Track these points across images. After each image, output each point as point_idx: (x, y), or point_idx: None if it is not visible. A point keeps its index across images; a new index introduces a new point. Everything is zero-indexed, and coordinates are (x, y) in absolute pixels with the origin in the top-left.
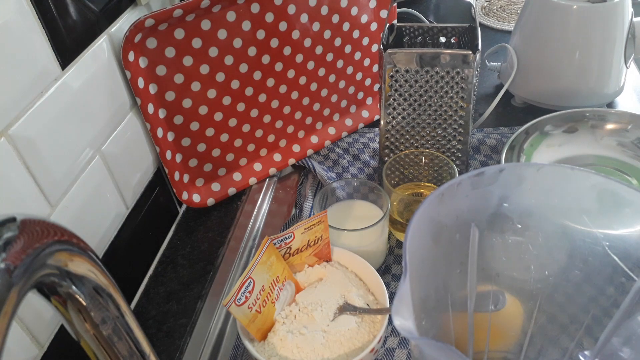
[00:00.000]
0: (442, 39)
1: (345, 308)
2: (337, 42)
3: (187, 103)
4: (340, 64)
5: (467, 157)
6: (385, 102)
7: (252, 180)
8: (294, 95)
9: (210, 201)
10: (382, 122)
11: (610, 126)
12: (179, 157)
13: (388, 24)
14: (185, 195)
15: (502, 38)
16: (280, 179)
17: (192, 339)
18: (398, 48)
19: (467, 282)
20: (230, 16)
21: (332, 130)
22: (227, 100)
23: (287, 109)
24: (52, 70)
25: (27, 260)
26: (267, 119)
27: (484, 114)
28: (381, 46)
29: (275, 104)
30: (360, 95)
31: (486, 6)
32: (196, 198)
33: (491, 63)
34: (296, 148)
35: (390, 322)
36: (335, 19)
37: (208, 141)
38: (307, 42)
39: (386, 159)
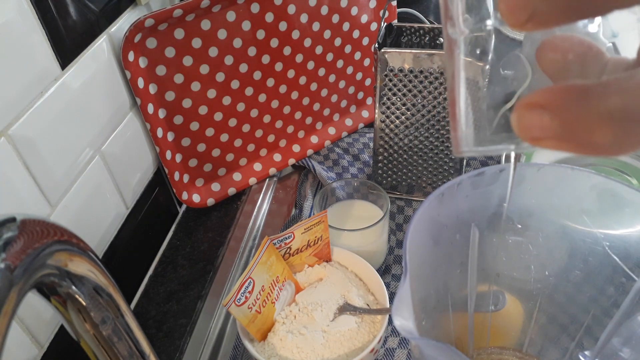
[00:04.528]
0: (441, 40)
1: (345, 308)
2: (337, 42)
3: (187, 103)
4: (340, 64)
5: (461, 159)
6: (379, 101)
7: (252, 180)
8: (294, 95)
9: (210, 201)
10: (376, 122)
11: None
12: (179, 157)
13: (385, 24)
14: (185, 195)
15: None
16: (280, 179)
17: (192, 339)
18: (393, 48)
19: (467, 282)
20: (230, 16)
21: (332, 130)
22: (227, 100)
23: (287, 109)
24: (52, 70)
25: (27, 260)
26: (267, 119)
27: None
28: (376, 45)
29: (275, 104)
30: (360, 95)
31: None
32: (196, 198)
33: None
34: (296, 148)
35: (390, 322)
36: (335, 19)
37: (208, 141)
38: (307, 42)
39: (380, 157)
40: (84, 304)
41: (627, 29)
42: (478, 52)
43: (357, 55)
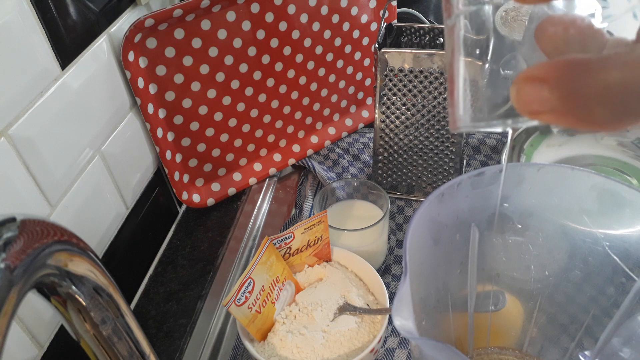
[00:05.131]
0: (441, 40)
1: (345, 308)
2: (337, 42)
3: (187, 103)
4: (340, 64)
5: (461, 159)
6: (379, 101)
7: (252, 180)
8: (294, 95)
9: (210, 201)
10: (376, 122)
11: None
12: (179, 157)
13: (385, 24)
14: (185, 195)
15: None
16: (280, 179)
17: (192, 339)
18: (393, 48)
19: (467, 282)
20: (230, 16)
21: (332, 130)
22: (227, 100)
23: (287, 109)
24: (52, 70)
25: (27, 260)
26: (267, 119)
27: None
28: (376, 45)
29: (275, 104)
30: (360, 95)
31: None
32: (196, 198)
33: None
34: (296, 148)
35: (390, 322)
36: (335, 19)
37: (208, 141)
38: (307, 42)
39: (380, 157)
40: (84, 304)
41: (623, 11)
42: (477, 44)
43: (357, 55)
